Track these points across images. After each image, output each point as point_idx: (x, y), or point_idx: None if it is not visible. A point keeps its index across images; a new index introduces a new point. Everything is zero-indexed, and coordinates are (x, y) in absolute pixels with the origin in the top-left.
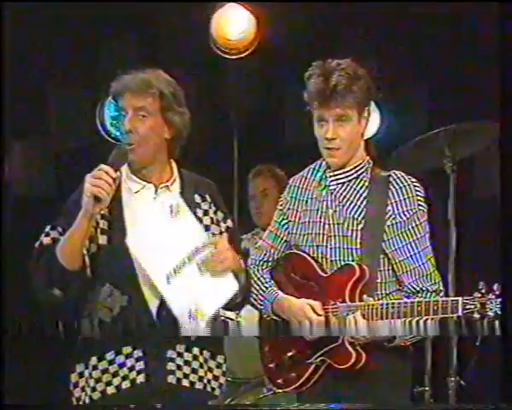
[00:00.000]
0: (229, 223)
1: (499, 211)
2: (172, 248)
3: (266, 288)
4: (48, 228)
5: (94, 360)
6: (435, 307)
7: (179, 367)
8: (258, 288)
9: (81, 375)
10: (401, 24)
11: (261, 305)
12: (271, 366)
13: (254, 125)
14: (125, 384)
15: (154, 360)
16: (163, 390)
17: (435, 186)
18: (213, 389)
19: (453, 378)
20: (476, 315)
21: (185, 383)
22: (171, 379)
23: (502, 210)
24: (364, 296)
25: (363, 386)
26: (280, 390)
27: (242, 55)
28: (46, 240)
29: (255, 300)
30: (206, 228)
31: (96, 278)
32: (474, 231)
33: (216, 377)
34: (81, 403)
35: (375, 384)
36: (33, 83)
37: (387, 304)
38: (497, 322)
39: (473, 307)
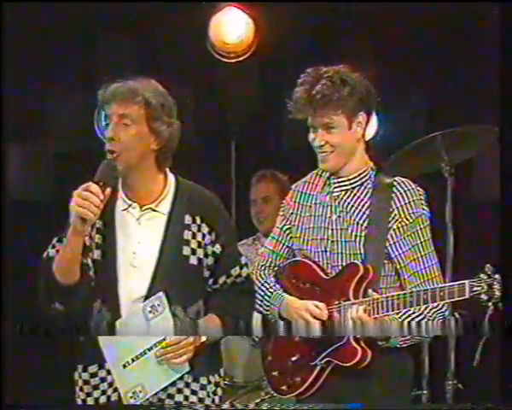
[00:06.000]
0: (217, 248)
1: (499, 214)
2: (139, 339)
3: (271, 293)
4: (54, 240)
5: (79, 368)
6: (442, 293)
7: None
8: (263, 294)
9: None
10: (400, 27)
11: (267, 310)
12: (274, 374)
13: (252, 128)
14: (102, 399)
15: None
16: None
17: (433, 190)
18: None
19: (451, 381)
20: (484, 296)
21: None
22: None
23: (501, 213)
24: (369, 291)
25: (364, 388)
26: (284, 397)
27: (240, 59)
28: (52, 252)
29: (261, 305)
30: (193, 251)
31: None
32: (471, 235)
33: (201, 400)
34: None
35: (377, 386)
36: (32, 86)
37: (393, 296)
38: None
39: (480, 288)
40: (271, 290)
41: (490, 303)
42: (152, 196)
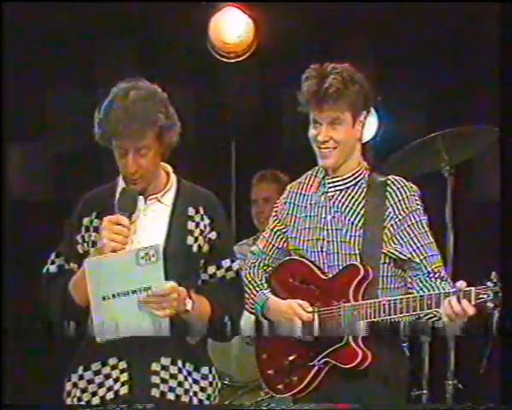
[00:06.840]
0: (212, 234)
1: (499, 214)
2: (126, 279)
3: (257, 291)
4: (53, 256)
5: (80, 369)
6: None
7: (164, 381)
8: (249, 292)
9: (73, 384)
10: (400, 27)
11: (252, 308)
12: (270, 372)
13: (253, 128)
14: (109, 395)
15: (137, 373)
16: (146, 403)
17: (433, 190)
18: (201, 400)
19: (450, 382)
20: (489, 304)
21: (170, 396)
22: (154, 392)
23: (501, 213)
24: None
25: (361, 388)
26: (280, 396)
27: (240, 59)
28: (52, 268)
29: (247, 303)
30: (195, 240)
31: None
32: (471, 235)
33: (203, 389)
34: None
35: (374, 386)
36: (32, 86)
37: (395, 299)
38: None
39: (485, 296)
40: (257, 289)
41: (495, 311)
42: (157, 188)
